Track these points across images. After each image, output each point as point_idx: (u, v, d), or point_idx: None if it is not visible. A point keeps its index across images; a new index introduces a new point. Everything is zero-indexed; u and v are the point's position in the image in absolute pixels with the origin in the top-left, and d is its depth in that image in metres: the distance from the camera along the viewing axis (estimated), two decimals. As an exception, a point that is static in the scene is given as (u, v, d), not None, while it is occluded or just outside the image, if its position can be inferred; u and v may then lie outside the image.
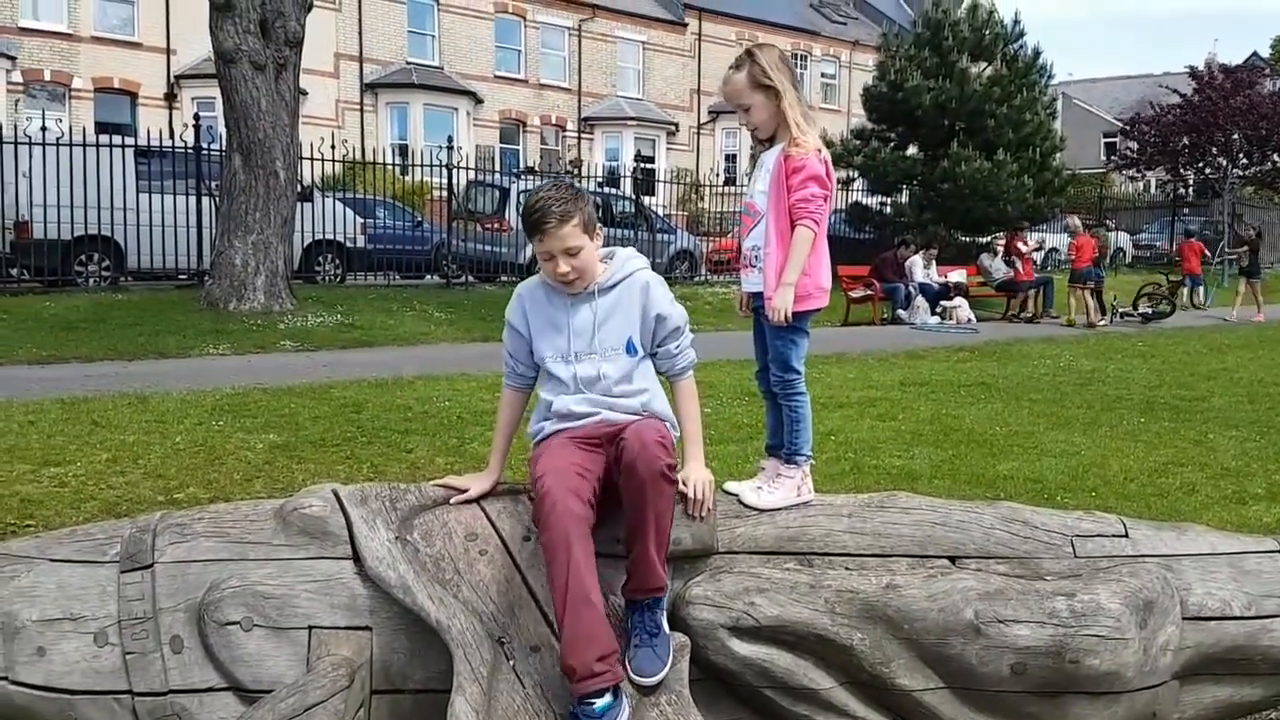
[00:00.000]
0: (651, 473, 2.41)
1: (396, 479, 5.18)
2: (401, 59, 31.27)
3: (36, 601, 2.46)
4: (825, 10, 43.42)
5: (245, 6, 11.70)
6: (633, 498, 2.44)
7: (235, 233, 11.96)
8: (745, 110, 3.07)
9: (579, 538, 2.36)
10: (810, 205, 2.97)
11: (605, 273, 2.72)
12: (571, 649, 2.30)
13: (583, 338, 2.68)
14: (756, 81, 3.02)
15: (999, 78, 19.85)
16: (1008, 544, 2.68)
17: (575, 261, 2.64)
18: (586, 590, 2.33)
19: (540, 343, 2.75)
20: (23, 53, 25.43)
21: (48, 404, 7.04)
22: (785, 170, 2.99)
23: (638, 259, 2.81)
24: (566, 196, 2.64)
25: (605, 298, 2.70)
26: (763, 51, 3.08)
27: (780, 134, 3.07)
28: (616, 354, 2.67)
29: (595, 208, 2.75)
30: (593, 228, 2.66)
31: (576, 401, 2.66)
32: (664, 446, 2.45)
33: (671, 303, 2.73)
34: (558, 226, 2.60)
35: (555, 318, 2.73)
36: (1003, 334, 14.63)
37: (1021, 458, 6.31)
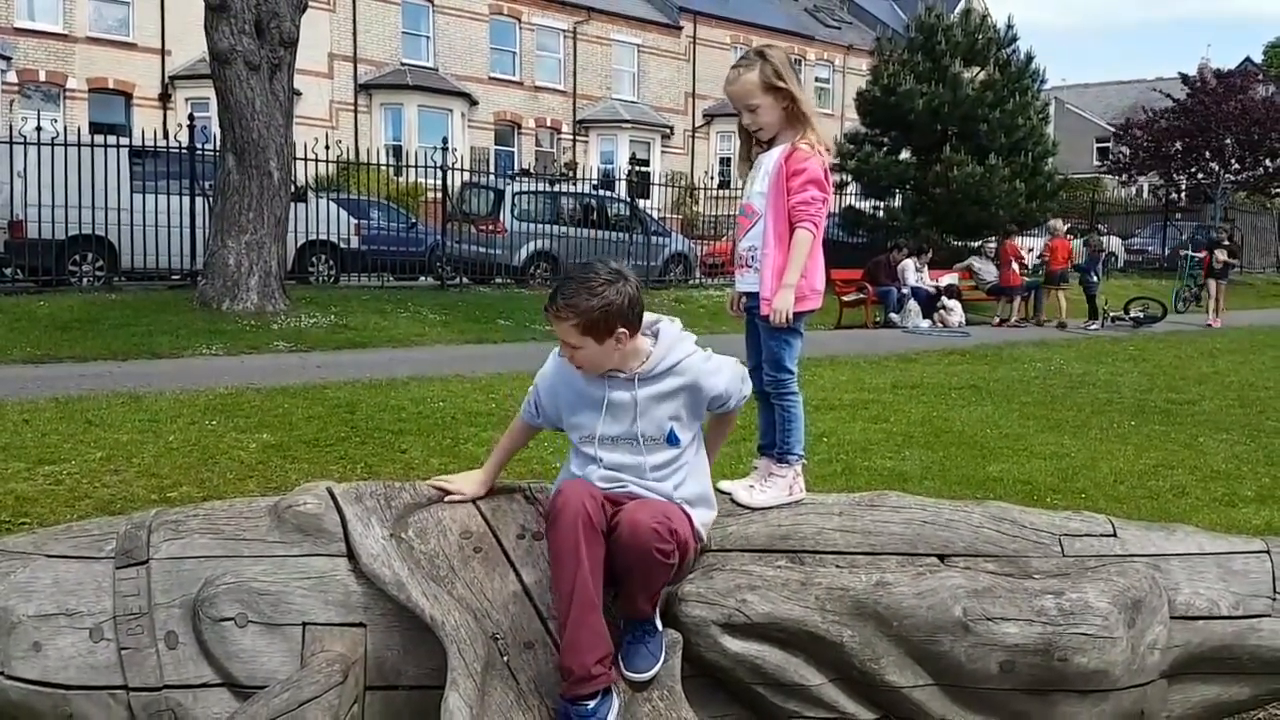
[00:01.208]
0: (641, 558, 2.36)
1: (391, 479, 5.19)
2: (396, 60, 31.27)
3: (32, 597, 2.47)
4: (819, 15, 43.50)
5: (240, 7, 11.70)
6: (624, 569, 2.43)
7: (229, 233, 11.95)
8: (751, 111, 3.03)
9: (590, 542, 2.35)
10: (810, 208, 2.98)
11: (650, 359, 2.54)
12: (572, 652, 2.32)
13: (619, 424, 2.54)
14: (769, 83, 2.99)
15: (992, 82, 19.92)
16: (996, 542, 2.70)
17: (574, 356, 2.53)
18: (592, 595, 2.33)
19: (571, 416, 2.62)
20: (18, 53, 25.38)
21: (42, 403, 7.04)
22: (786, 172, 3.00)
23: (684, 342, 2.59)
24: (582, 290, 2.44)
25: (647, 387, 2.54)
26: (772, 52, 3.07)
27: (782, 136, 3.07)
28: (656, 444, 2.54)
29: (628, 304, 2.47)
30: (602, 331, 2.45)
31: (602, 478, 2.57)
32: (658, 533, 2.34)
33: (719, 375, 2.59)
34: (553, 317, 2.49)
35: (590, 394, 2.57)
36: (994, 337, 14.68)
37: (1011, 459, 6.34)
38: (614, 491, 2.54)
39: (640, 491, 2.53)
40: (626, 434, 2.55)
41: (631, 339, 2.51)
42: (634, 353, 2.55)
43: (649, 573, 2.38)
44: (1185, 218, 31.38)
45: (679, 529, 2.40)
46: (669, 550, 2.36)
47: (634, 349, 2.54)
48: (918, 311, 16.78)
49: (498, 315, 13.91)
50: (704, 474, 2.65)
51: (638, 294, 2.51)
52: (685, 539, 2.43)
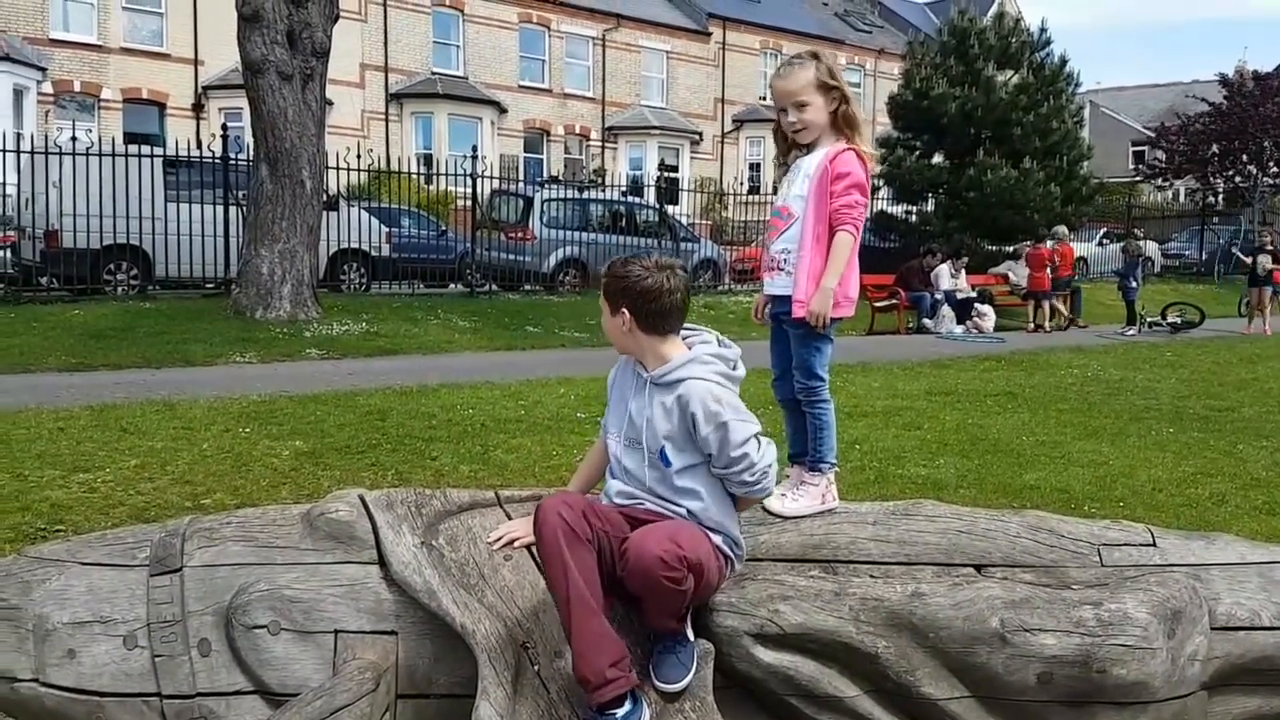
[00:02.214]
0: (649, 586, 2.33)
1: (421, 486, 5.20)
2: (426, 69, 31.47)
3: (67, 604, 2.49)
4: (850, 19, 43.37)
5: (273, 18, 11.81)
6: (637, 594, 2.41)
7: (262, 242, 12.05)
8: (800, 108, 2.99)
9: (574, 549, 2.34)
10: (853, 211, 2.96)
11: (666, 365, 2.52)
12: (583, 659, 2.30)
13: (635, 427, 2.55)
14: (823, 81, 2.96)
15: (1025, 86, 19.76)
16: (1034, 553, 2.66)
17: (601, 321, 2.61)
18: (588, 600, 2.32)
19: (610, 412, 2.67)
20: (53, 64, 25.77)
21: (77, 411, 7.11)
22: (830, 175, 2.96)
23: (698, 365, 2.50)
24: (623, 260, 2.56)
25: (656, 394, 2.52)
26: (825, 55, 3.06)
27: (824, 139, 3.04)
28: (654, 458, 2.51)
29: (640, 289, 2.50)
30: (612, 301, 2.53)
31: (619, 490, 2.58)
32: (664, 561, 2.29)
33: (718, 424, 2.42)
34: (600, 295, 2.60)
35: (626, 393, 2.61)
36: (1029, 343, 14.53)
37: (1048, 467, 6.26)
38: (631, 508, 2.54)
39: (658, 509, 2.51)
40: (636, 441, 2.54)
41: (644, 332, 2.52)
42: (660, 354, 2.54)
43: (661, 599, 2.36)
44: (1223, 221, 30.97)
45: (690, 554, 2.33)
46: (678, 577, 2.31)
47: (659, 350, 2.54)
48: (952, 317, 16.65)
49: (527, 322, 13.94)
50: (728, 510, 2.54)
51: (658, 290, 2.49)
52: (699, 562, 2.35)
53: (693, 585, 2.35)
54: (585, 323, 14.03)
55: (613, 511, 2.52)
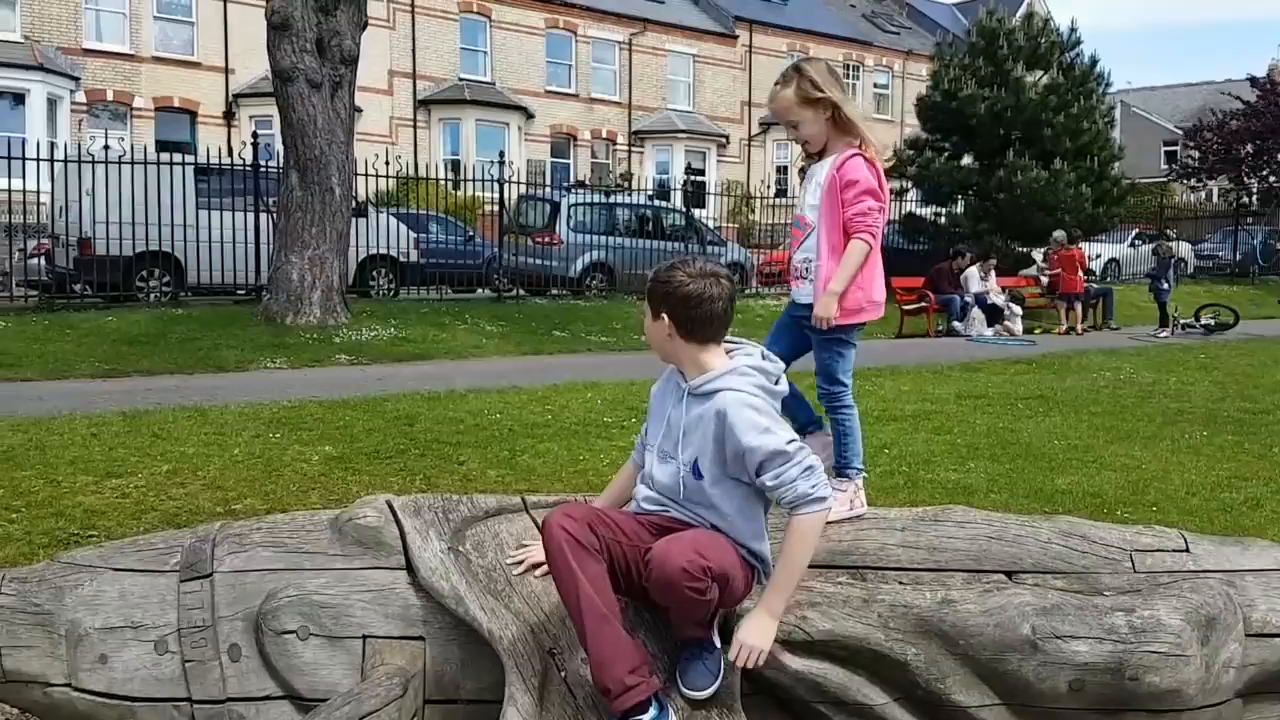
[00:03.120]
0: (672, 595, 2.31)
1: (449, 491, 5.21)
2: (454, 75, 31.63)
3: (99, 610, 2.52)
4: (878, 20, 43.22)
5: (302, 26, 11.90)
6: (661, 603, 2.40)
7: (292, 248, 12.14)
8: (793, 126, 3.04)
9: (581, 558, 2.32)
10: (867, 219, 2.95)
11: (704, 375, 2.49)
12: (601, 669, 2.29)
13: (671, 438, 2.52)
14: (806, 97, 2.99)
15: (1055, 86, 19.59)
16: (1065, 559, 2.63)
17: (643, 323, 2.60)
18: (601, 609, 2.30)
19: (651, 422, 2.64)
20: (86, 73, 26.10)
21: (110, 417, 7.19)
22: (839, 184, 2.97)
23: (736, 376, 2.46)
24: (667, 266, 2.53)
25: (694, 406, 2.48)
26: (811, 66, 3.04)
27: (832, 146, 3.04)
28: (687, 470, 2.47)
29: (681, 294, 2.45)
30: (653, 305, 2.50)
31: (646, 497, 2.57)
32: (687, 571, 2.26)
33: (760, 431, 2.36)
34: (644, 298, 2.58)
35: (666, 404, 2.58)
36: (1061, 346, 14.41)
37: (1080, 472, 6.19)
38: (657, 515, 2.52)
39: (683, 518, 2.50)
40: (671, 452, 2.52)
41: (685, 339, 2.49)
42: (700, 363, 2.51)
43: (685, 608, 2.35)
44: (1256, 222, 30.58)
45: (715, 564, 2.30)
46: (702, 587, 2.29)
47: (703, 356, 2.51)
48: (982, 320, 16.53)
49: (554, 327, 13.97)
50: (756, 533, 2.50)
51: (701, 297, 2.45)
52: (724, 572, 2.33)
53: (717, 595, 2.33)
54: (612, 327, 14.04)
55: (628, 519, 2.51)
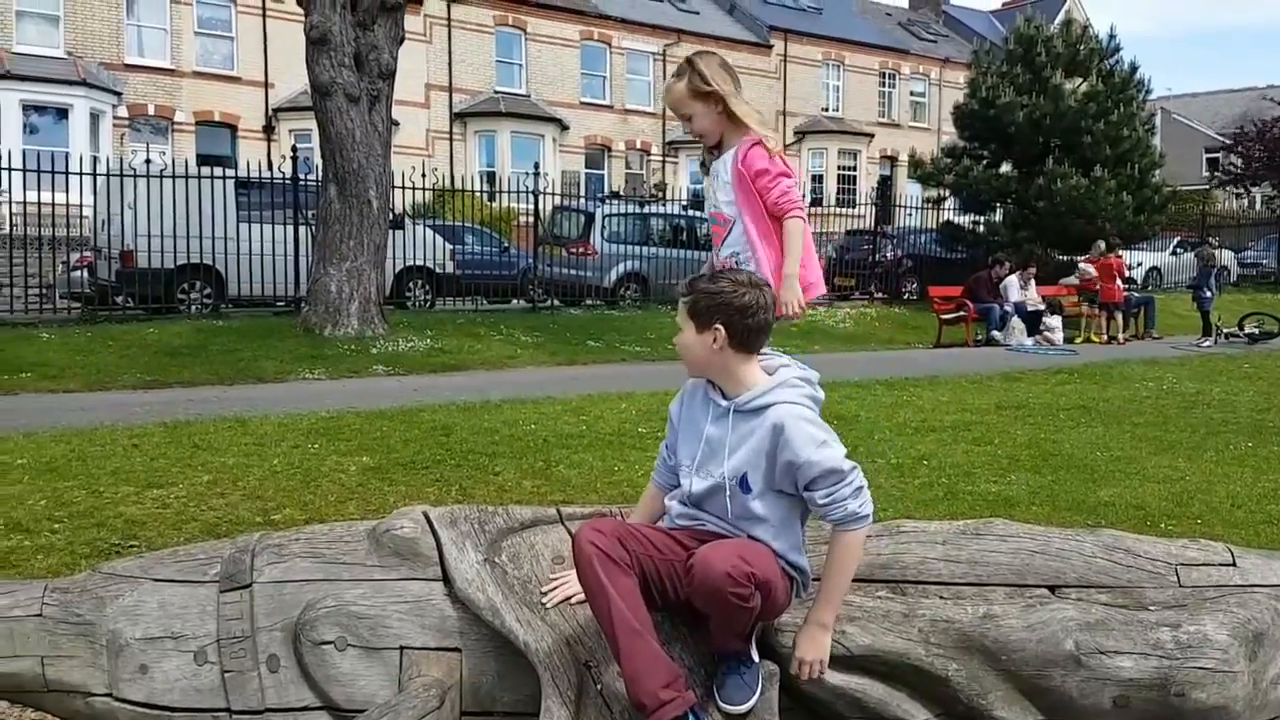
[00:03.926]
0: (716, 602, 2.29)
1: (484, 501, 5.22)
2: (490, 88, 31.85)
3: (140, 620, 2.53)
4: (914, 28, 43.03)
5: (340, 41, 12.03)
6: (702, 611, 2.37)
7: (330, 260, 12.26)
8: (687, 119, 3.11)
9: (612, 572, 2.31)
10: (791, 196, 3.01)
11: (751, 390, 2.46)
12: (635, 684, 2.27)
13: (714, 457, 2.47)
14: (696, 90, 3.06)
15: (1095, 93, 19.42)
16: (1109, 573, 2.59)
17: (679, 341, 2.53)
18: (633, 623, 2.28)
19: (680, 443, 2.59)
20: (128, 88, 26.53)
21: (151, 428, 7.27)
22: (748, 175, 3.01)
23: (787, 389, 2.45)
24: (708, 278, 2.51)
25: (741, 423, 2.45)
26: (702, 59, 3.11)
27: (728, 139, 3.09)
28: (734, 486, 2.44)
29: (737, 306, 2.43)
30: (702, 319, 2.45)
31: (680, 512, 2.55)
32: (731, 577, 2.24)
33: (817, 446, 2.35)
34: (680, 295, 2.54)
35: (698, 422, 2.54)
36: (1102, 356, 14.23)
37: (1123, 483, 6.10)
38: (695, 529, 2.50)
39: (719, 531, 2.48)
40: (712, 470, 2.48)
41: (734, 350, 2.45)
42: (741, 377, 2.48)
43: (727, 616, 2.32)
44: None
45: (758, 570, 2.29)
46: (746, 594, 2.27)
47: (742, 370, 2.48)
48: (1022, 329, 16.37)
49: (588, 337, 13.98)
50: (794, 545, 2.48)
51: (755, 307, 2.44)
52: (767, 579, 2.31)
53: (759, 603, 2.31)
54: (646, 337, 14.04)
55: (659, 534, 2.49)
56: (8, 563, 4.26)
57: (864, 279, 20.92)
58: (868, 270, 21.00)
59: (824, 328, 16.72)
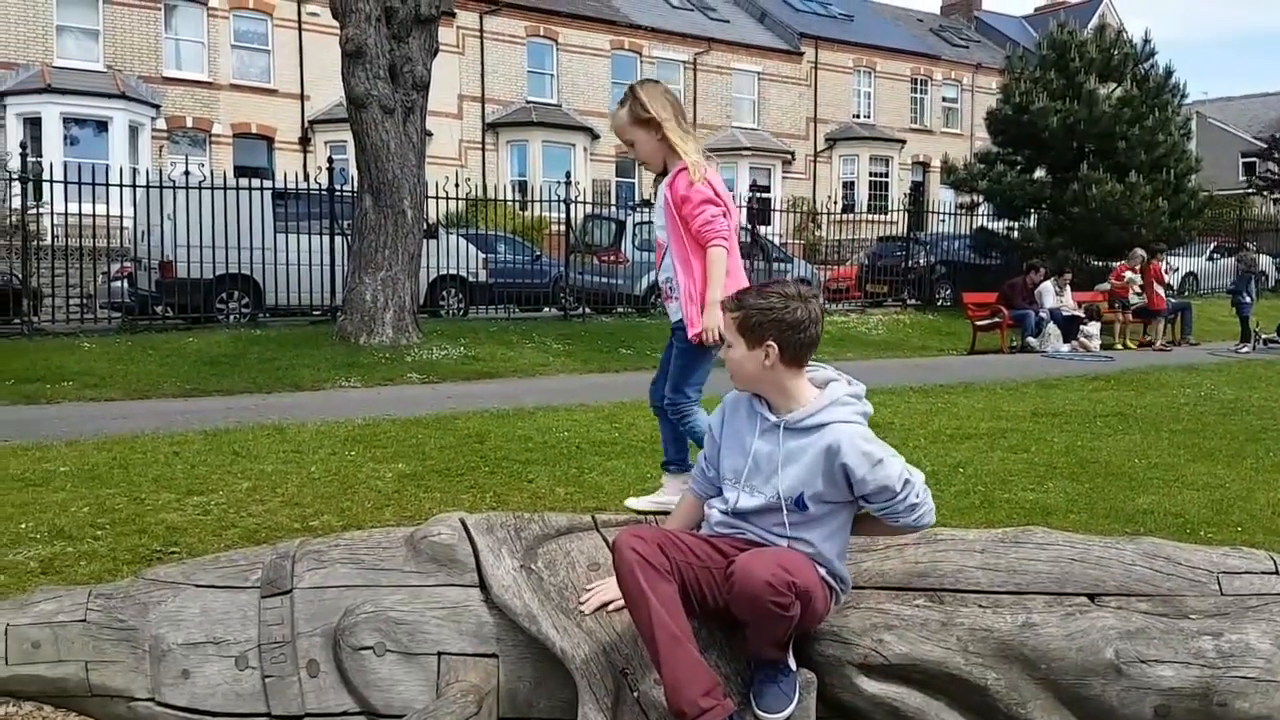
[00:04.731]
0: (755, 609, 2.29)
1: (518, 508, 5.24)
2: (521, 98, 32.01)
3: (182, 625, 2.57)
4: (946, 34, 42.82)
5: (376, 53, 12.14)
6: (741, 618, 2.38)
7: (366, 270, 12.36)
8: (630, 145, 3.18)
9: (652, 579, 2.32)
10: (713, 225, 3.03)
11: (801, 409, 2.46)
12: (675, 691, 2.27)
13: (761, 473, 2.47)
14: (636, 117, 3.12)
15: (1129, 98, 19.23)
16: (1150, 581, 2.56)
17: (727, 355, 2.53)
18: (673, 631, 2.29)
19: (724, 459, 2.58)
20: (167, 101, 26.89)
21: (192, 435, 7.35)
22: (674, 202, 3.05)
23: (846, 406, 2.46)
24: (755, 290, 2.51)
25: (792, 440, 2.45)
26: (643, 88, 3.17)
27: (670, 164, 3.13)
28: (790, 503, 2.44)
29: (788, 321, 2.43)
30: (753, 335, 2.44)
31: (720, 523, 2.55)
32: (771, 585, 2.25)
33: (873, 464, 2.37)
34: (724, 310, 2.53)
35: (743, 437, 2.53)
36: (1139, 362, 14.07)
37: (1162, 491, 6.03)
38: (734, 537, 2.51)
39: (759, 541, 2.48)
40: (763, 486, 2.47)
41: (785, 365, 2.45)
42: (792, 392, 2.48)
43: (766, 624, 2.32)
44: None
45: (799, 579, 2.29)
46: (786, 603, 2.27)
47: (792, 385, 2.48)
48: (1058, 335, 16.21)
49: (620, 345, 14.00)
50: (836, 553, 2.48)
51: (807, 321, 2.44)
52: (807, 588, 2.31)
53: (799, 612, 2.31)
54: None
55: (699, 541, 2.50)
56: (52, 569, 4.33)
57: (897, 285, 20.82)
58: (900, 276, 20.91)
59: (856, 334, 16.65)
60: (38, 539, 4.74)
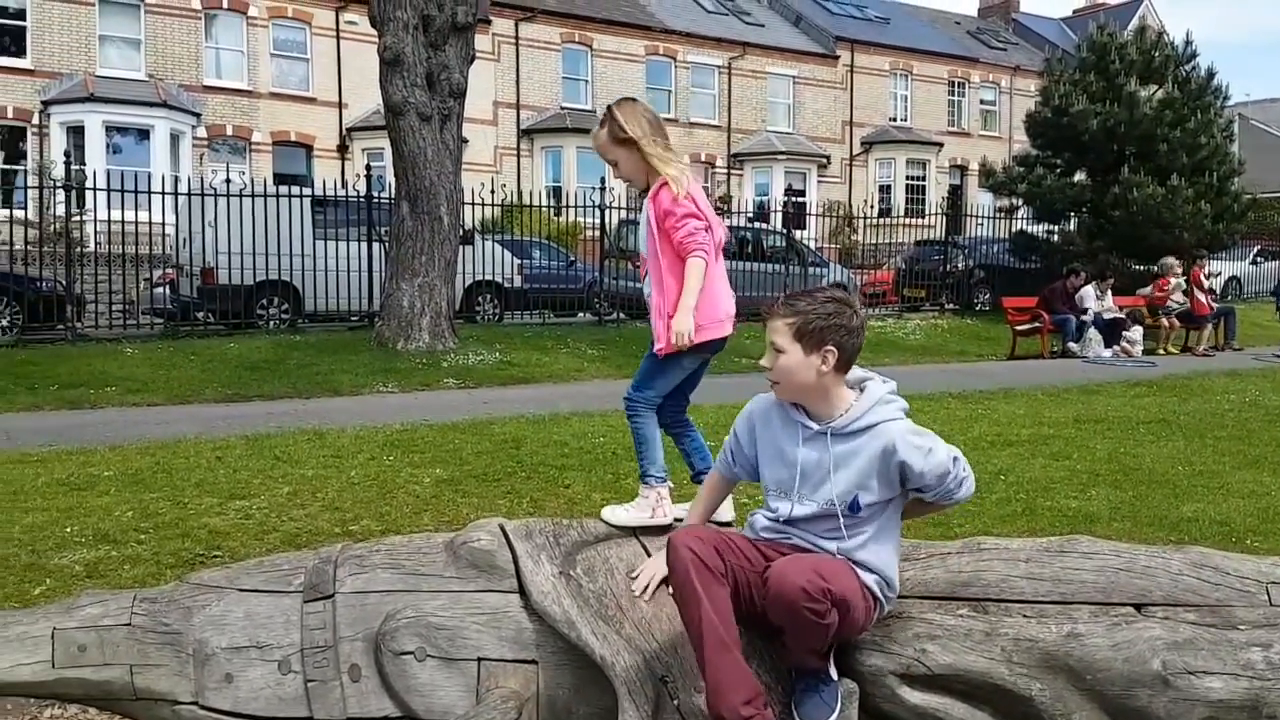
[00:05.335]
0: (790, 615, 2.28)
1: (555, 513, 5.25)
2: (556, 104, 32.13)
3: (226, 629, 2.59)
4: (983, 36, 42.50)
5: (413, 61, 12.23)
6: (777, 624, 2.36)
7: (403, 276, 12.44)
8: (614, 165, 3.17)
9: (707, 582, 2.31)
10: (695, 238, 3.04)
11: (846, 413, 2.46)
12: (717, 696, 2.26)
13: (809, 482, 2.47)
14: (616, 137, 3.11)
15: (1170, 100, 18.97)
16: (1197, 591, 2.52)
17: (776, 364, 2.47)
18: (722, 635, 2.28)
19: (766, 470, 2.57)
20: (207, 109, 27.25)
21: (233, 440, 7.44)
22: (656, 217, 3.08)
23: (889, 404, 2.47)
24: (806, 296, 2.47)
25: (840, 444, 2.44)
26: (619, 107, 3.15)
27: (652, 181, 3.17)
28: (844, 507, 2.44)
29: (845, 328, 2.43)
30: (812, 340, 2.41)
31: (765, 526, 2.55)
32: (806, 592, 2.23)
33: (925, 454, 2.39)
34: (771, 315, 2.48)
35: (785, 449, 2.51)
36: (1182, 367, 13.87)
37: (1206, 499, 5.94)
38: (778, 542, 2.50)
39: (804, 545, 2.47)
40: (815, 495, 2.47)
41: (836, 371, 2.45)
42: (835, 398, 2.48)
43: (802, 631, 2.30)
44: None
45: (835, 586, 2.27)
46: (822, 610, 2.25)
47: (836, 392, 2.48)
48: (1099, 340, 16.01)
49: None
50: (889, 550, 2.48)
51: (859, 327, 2.46)
52: (844, 596, 2.29)
53: (836, 620, 2.29)
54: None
55: (749, 545, 2.49)
56: (96, 572, 4.39)
57: (934, 290, 20.66)
58: (938, 281, 20.75)
59: (894, 339, 16.54)
60: (82, 543, 4.81)
